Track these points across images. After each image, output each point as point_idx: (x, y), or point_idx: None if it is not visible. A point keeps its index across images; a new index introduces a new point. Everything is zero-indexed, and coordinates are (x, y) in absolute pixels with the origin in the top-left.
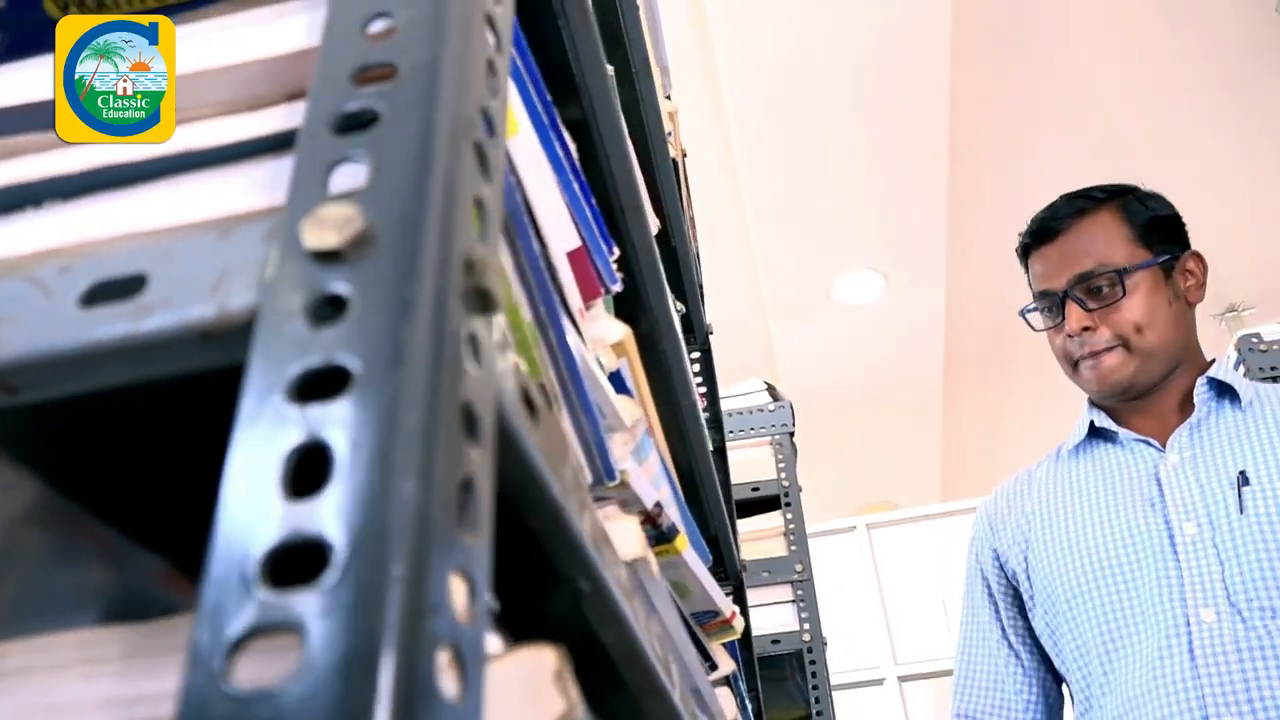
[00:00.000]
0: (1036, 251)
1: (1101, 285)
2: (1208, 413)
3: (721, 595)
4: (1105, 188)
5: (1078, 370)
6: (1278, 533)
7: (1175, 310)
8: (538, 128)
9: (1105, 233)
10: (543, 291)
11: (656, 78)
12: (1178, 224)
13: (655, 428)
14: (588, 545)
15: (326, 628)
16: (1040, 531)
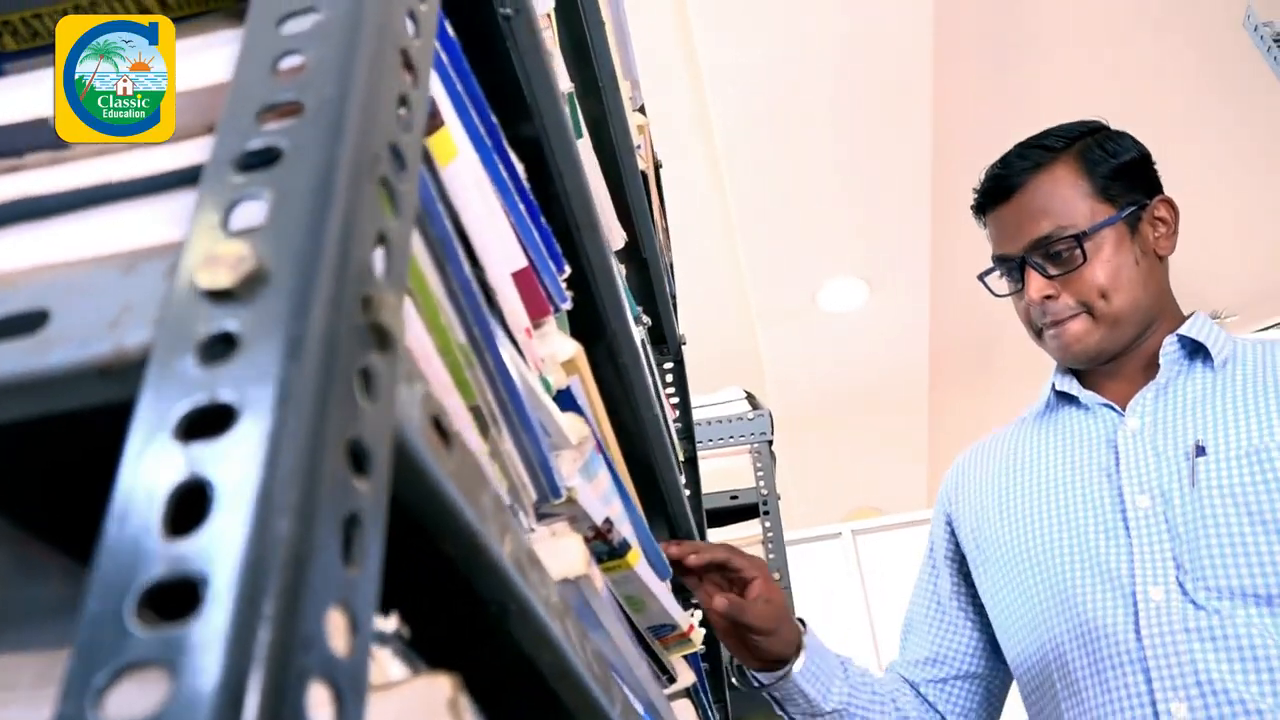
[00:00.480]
0: (991, 212)
1: (1061, 250)
2: (1177, 373)
3: (679, 608)
4: (1062, 131)
5: (1042, 338)
6: (1229, 509)
7: (1144, 268)
8: (480, 150)
9: (1062, 190)
10: (476, 314)
11: (624, 92)
12: (1145, 166)
13: (610, 443)
14: (508, 568)
15: (195, 663)
16: (992, 499)
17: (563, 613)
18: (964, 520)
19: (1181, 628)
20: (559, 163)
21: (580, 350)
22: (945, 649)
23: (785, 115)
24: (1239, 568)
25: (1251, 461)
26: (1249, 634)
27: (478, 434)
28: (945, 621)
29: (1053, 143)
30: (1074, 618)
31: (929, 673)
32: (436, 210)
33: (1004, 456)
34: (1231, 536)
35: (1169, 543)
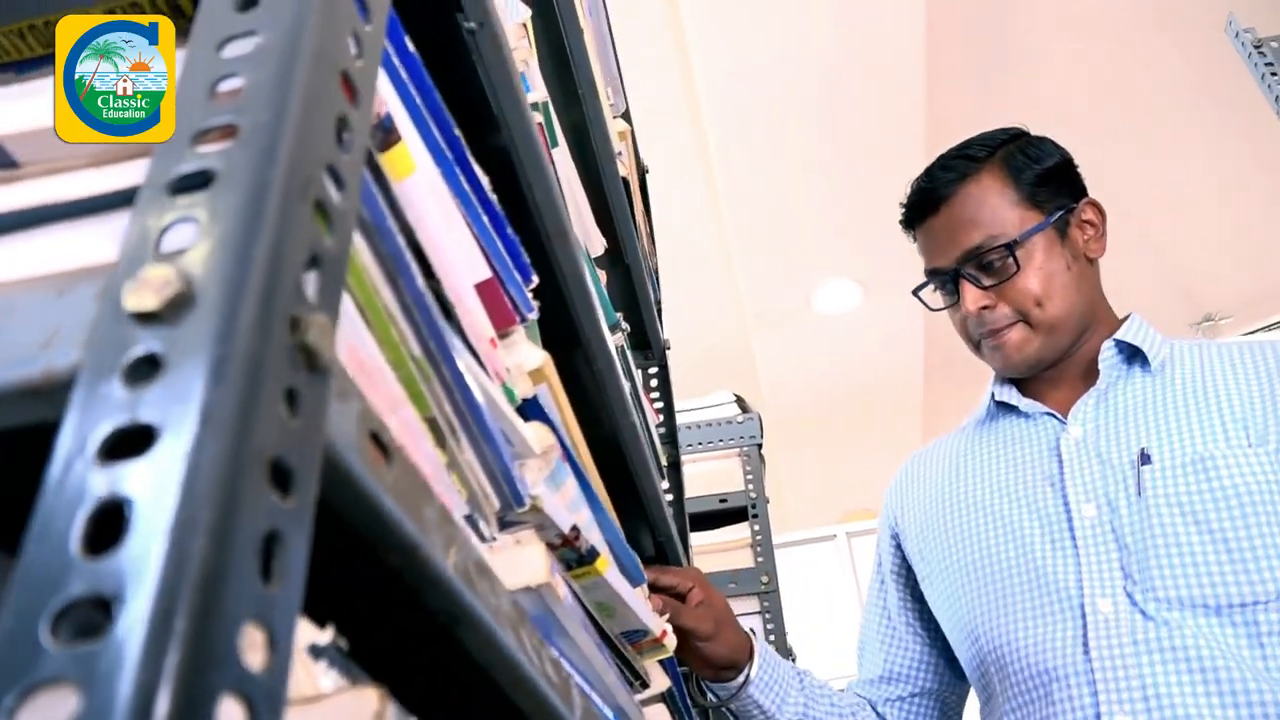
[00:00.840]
0: (920, 225)
1: (993, 260)
2: (1116, 378)
3: (651, 614)
4: (984, 141)
5: (980, 350)
6: (1175, 519)
7: (1075, 272)
8: (442, 164)
9: (990, 199)
10: (431, 328)
11: (605, 99)
12: (1068, 170)
13: (581, 451)
14: (454, 579)
15: (106, 680)
16: (936, 511)
17: (517, 621)
18: (909, 533)
19: (1130, 640)
20: (528, 173)
21: (548, 359)
22: (897, 666)
23: (779, 118)
24: (1188, 578)
25: (1197, 470)
26: (1197, 645)
27: (434, 445)
28: (895, 638)
29: (975, 152)
30: (1020, 631)
31: (884, 691)
32: (387, 226)
33: (947, 467)
34: (1180, 547)
35: (1116, 553)
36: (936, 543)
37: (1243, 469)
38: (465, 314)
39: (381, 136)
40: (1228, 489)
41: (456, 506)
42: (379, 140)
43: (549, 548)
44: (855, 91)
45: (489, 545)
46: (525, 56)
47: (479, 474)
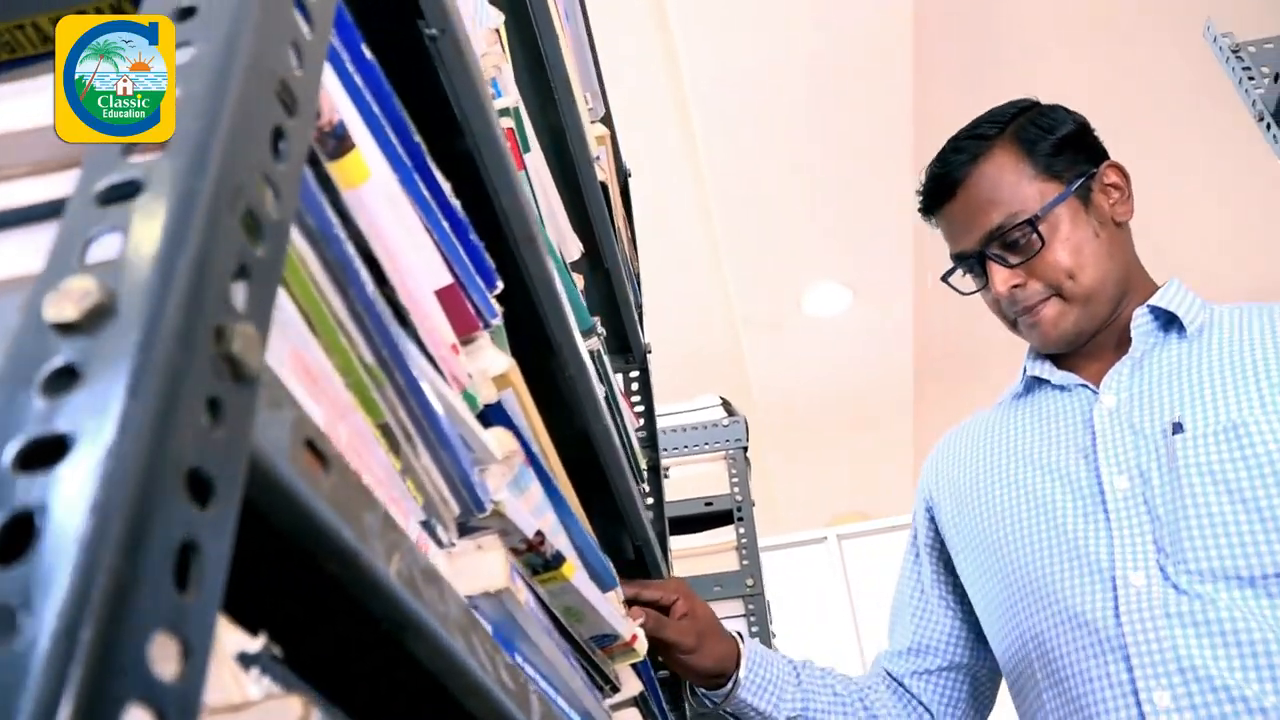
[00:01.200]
0: (939, 211)
1: (1016, 238)
2: (1153, 345)
3: (620, 618)
4: (994, 117)
5: (1017, 328)
6: (1208, 489)
7: (1105, 239)
8: (400, 171)
9: (1006, 176)
10: (384, 335)
11: (582, 104)
12: (1085, 136)
13: (549, 455)
14: (395, 586)
15: (10, 690)
16: (970, 486)
17: (468, 627)
18: (944, 507)
19: (1163, 613)
20: (494, 178)
21: (513, 365)
22: (928, 639)
23: (767, 120)
24: (1220, 549)
25: (1229, 438)
26: (1231, 617)
27: (387, 451)
28: (928, 611)
29: (986, 130)
30: (1054, 605)
31: (913, 664)
32: (334, 234)
33: (982, 441)
34: (1212, 518)
35: (1149, 525)
36: (969, 518)
37: (1278, 435)
38: (424, 320)
39: (334, 144)
40: (1260, 456)
41: (412, 512)
42: (331, 148)
43: (514, 553)
44: (843, 94)
45: (447, 551)
46: (498, 62)
47: (437, 480)
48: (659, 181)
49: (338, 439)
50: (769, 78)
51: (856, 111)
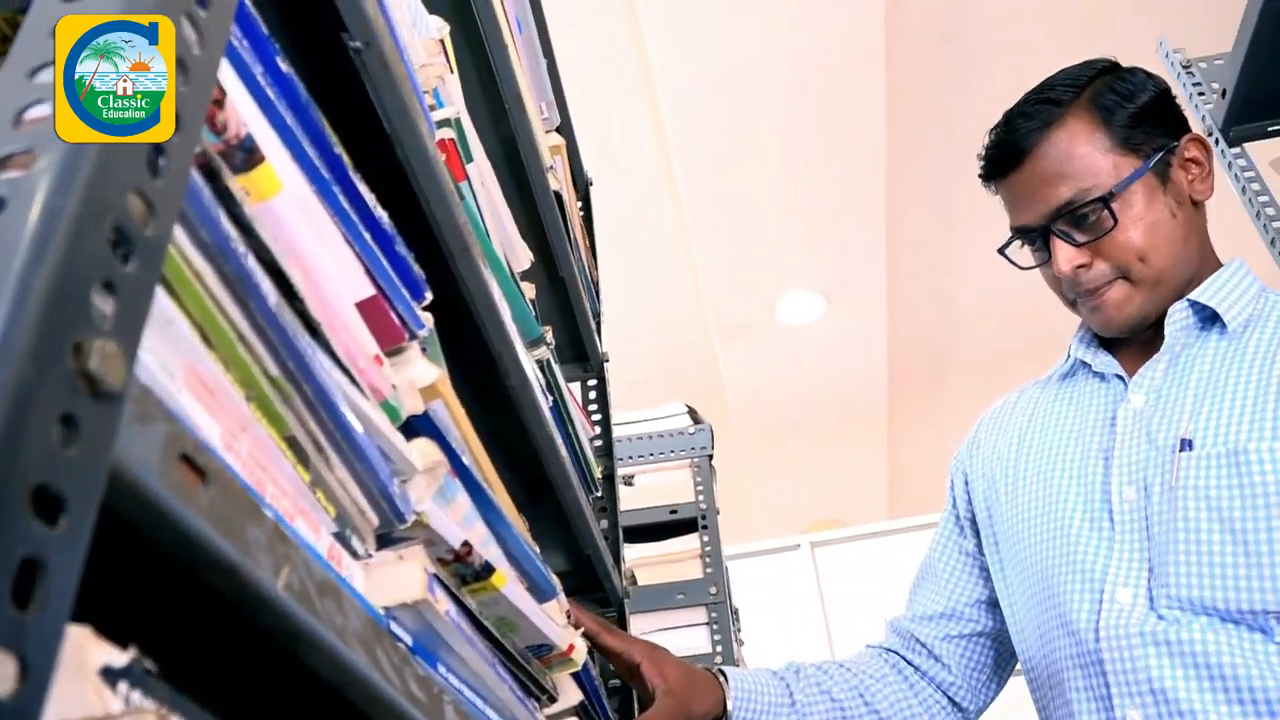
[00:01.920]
0: (1001, 180)
1: (1087, 214)
2: (1192, 341)
3: (556, 627)
4: (1068, 79)
5: (1076, 308)
6: (1200, 514)
7: (1181, 220)
8: (318, 183)
9: (1078, 147)
10: (289, 347)
11: (534, 114)
12: (1167, 105)
13: (483, 465)
14: (284, 599)
15: None
16: (1001, 473)
17: (371, 639)
18: (977, 486)
19: (1139, 635)
20: (425, 190)
21: (442, 376)
22: (961, 604)
23: (740, 130)
24: (1202, 579)
25: (1231, 463)
26: (1205, 644)
27: (295, 464)
28: (962, 577)
29: (1059, 94)
30: (1053, 608)
31: (945, 628)
32: (233, 249)
33: (1020, 423)
34: (1199, 545)
35: (1146, 543)
36: (996, 500)
37: (1271, 465)
38: (341, 332)
39: (242, 157)
40: (1258, 487)
41: (323, 524)
42: (239, 161)
43: (441, 563)
44: (815, 105)
45: (364, 562)
46: (440, 72)
47: (354, 491)
48: (633, 189)
49: (237, 452)
50: (741, 87)
51: (828, 122)
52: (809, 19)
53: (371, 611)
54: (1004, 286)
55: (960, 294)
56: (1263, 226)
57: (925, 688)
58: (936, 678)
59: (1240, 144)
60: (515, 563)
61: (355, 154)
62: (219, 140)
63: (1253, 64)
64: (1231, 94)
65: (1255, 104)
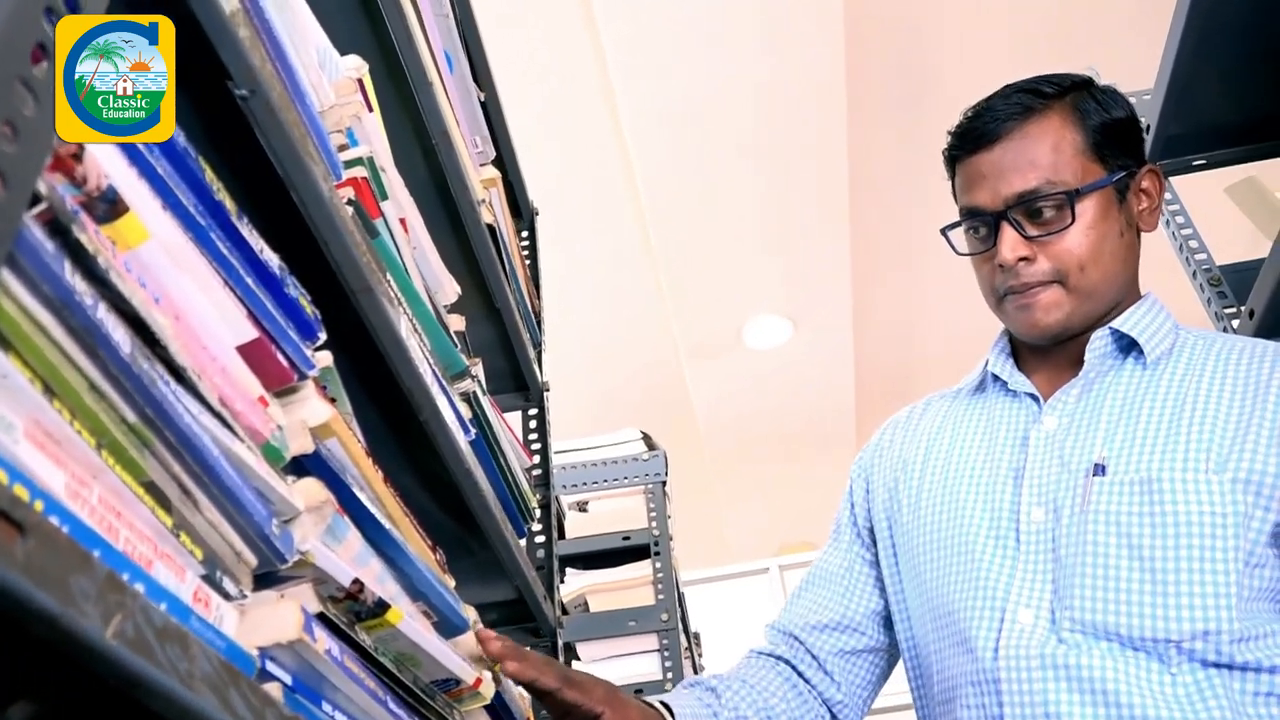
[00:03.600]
0: (967, 160)
1: (1045, 208)
2: (1107, 369)
3: (460, 662)
4: (1054, 79)
5: (1002, 306)
6: (1110, 540)
7: (1126, 242)
8: (194, 230)
9: (1053, 140)
10: (145, 394)
11: (463, 149)
12: (1135, 130)
13: (385, 502)
14: (116, 648)
15: None
16: (908, 485)
17: (223, 683)
18: (878, 494)
19: (1038, 659)
20: (322, 232)
21: (335, 415)
22: (856, 617)
23: (705, 157)
24: (1106, 605)
25: (1143, 491)
26: (1104, 671)
27: (155, 509)
28: (856, 588)
29: (1045, 89)
30: (950, 626)
31: (839, 641)
32: (78, 302)
33: (928, 435)
34: (1107, 570)
35: (1052, 565)
36: (896, 512)
37: (1189, 496)
38: (217, 375)
39: (105, 208)
40: (1169, 516)
41: (189, 567)
42: (101, 212)
43: (333, 601)
44: (779, 132)
45: (237, 603)
46: (356, 111)
47: (228, 533)
48: (600, 215)
49: (85, 500)
50: (706, 116)
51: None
52: (771, 49)
53: (233, 653)
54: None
55: (925, 317)
56: (1185, 260)
57: (814, 704)
58: (825, 694)
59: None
60: (422, 598)
61: (255, 198)
62: (79, 192)
63: (1173, 100)
64: (1155, 129)
65: (1181, 139)
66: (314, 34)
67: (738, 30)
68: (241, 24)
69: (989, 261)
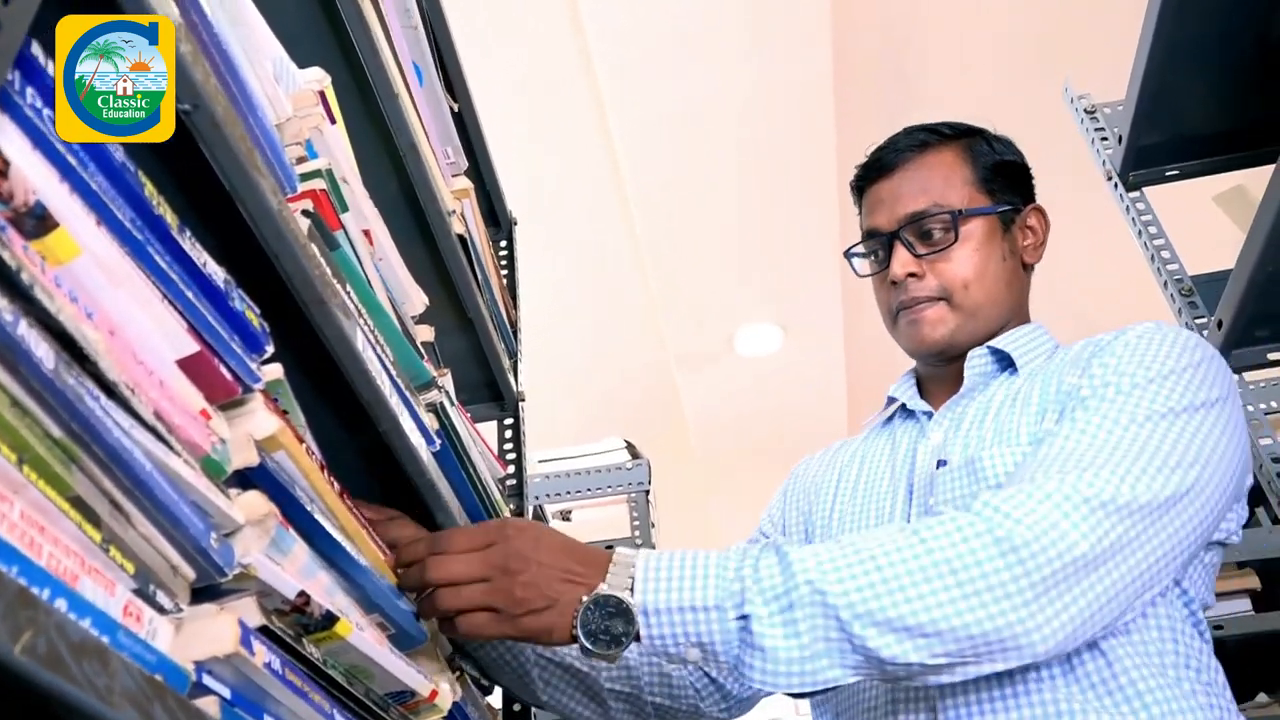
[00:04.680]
0: (869, 188)
1: (934, 229)
2: (985, 384)
3: (415, 674)
4: (952, 125)
5: (896, 324)
6: None
7: (1008, 267)
8: (130, 244)
9: (945, 171)
10: (72, 410)
11: (432, 160)
12: (1024, 174)
13: (337, 514)
14: (25, 664)
15: None
16: (821, 511)
17: (147, 698)
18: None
19: None
20: (271, 245)
21: (283, 427)
22: None
23: (695, 165)
24: None
25: (970, 470)
26: None
27: (82, 524)
28: None
29: (941, 129)
30: None
31: None
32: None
33: (842, 465)
34: None
35: None
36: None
37: (1006, 468)
38: (153, 389)
39: (33, 224)
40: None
41: (119, 581)
42: (30, 228)
43: (279, 614)
44: (768, 140)
45: (173, 617)
46: (315, 123)
47: (164, 547)
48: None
49: (5, 516)
50: (696, 124)
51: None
52: (760, 58)
53: (164, 667)
54: None
55: None
56: (1157, 269)
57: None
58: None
59: (1139, 188)
60: (378, 610)
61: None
62: (6, 208)
63: (1144, 111)
64: (1127, 140)
65: (1154, 149)
66: (270, 47)
67: (726, 39)
68: (183, 39)
69: (885, 282)
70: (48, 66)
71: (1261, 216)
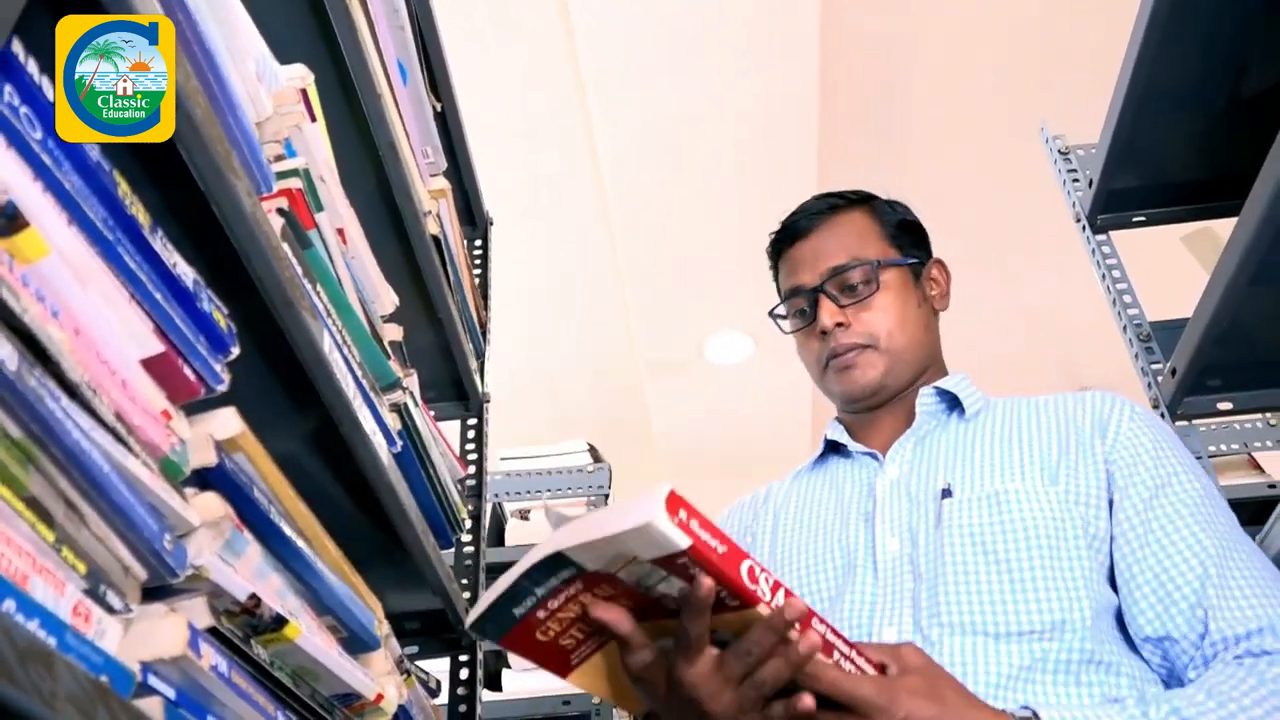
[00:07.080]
0: (788, 251)
1: (855, 281)
2: (935, 425)
3: (361, 677)
4: (853, 192)
5: (826, 374)
6: (967, 549)
7: (923, 314)
8: (100, 244)
9: (858, 229)
10: (30, 410)
11: (411, 160)
12: (922, 232)
13: (296, 516)
14: None
15: None
16: (758, 552)
17: (91, 702)
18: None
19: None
20: (244, 246)
21: (244, 431)
22: None
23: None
24: (972, 605)
25: (992, 503)
26: (963, 661)
27: (35, 523)
28: None
29: (848, 195)
30: None
31: None
32: None
33: (779, 507)
34: (969, 576)
35: (911, 583)
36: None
37: (1034, 505)
38: (115, 390)
39: (3, 223)
40: (1016, 522)
41: (69, 581)
42: (0, 227)
43: (229, 615)
44: (747, 149)
45: (123, 617)
46: (296, 121)
47: (116, 547)
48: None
49: None
50: (675, 132)
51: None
52: (744, 70)
53: (110, 669)
54: None
55: None
56: (1118, 313)
57: None
58: None
59: (1105, 231)
60: (330, 614)
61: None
62: None
63: (1116, 156)
64: (1097, 183)
65: (1123, 194)
66: (254, 45)
67: (710, 51)
68: None
69: (812, 335)
70: (28, 65)
71: (1221, 269)
